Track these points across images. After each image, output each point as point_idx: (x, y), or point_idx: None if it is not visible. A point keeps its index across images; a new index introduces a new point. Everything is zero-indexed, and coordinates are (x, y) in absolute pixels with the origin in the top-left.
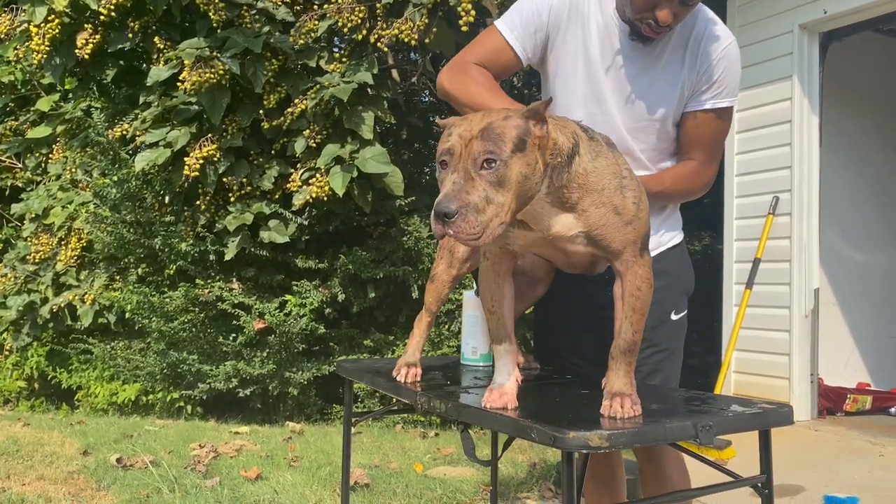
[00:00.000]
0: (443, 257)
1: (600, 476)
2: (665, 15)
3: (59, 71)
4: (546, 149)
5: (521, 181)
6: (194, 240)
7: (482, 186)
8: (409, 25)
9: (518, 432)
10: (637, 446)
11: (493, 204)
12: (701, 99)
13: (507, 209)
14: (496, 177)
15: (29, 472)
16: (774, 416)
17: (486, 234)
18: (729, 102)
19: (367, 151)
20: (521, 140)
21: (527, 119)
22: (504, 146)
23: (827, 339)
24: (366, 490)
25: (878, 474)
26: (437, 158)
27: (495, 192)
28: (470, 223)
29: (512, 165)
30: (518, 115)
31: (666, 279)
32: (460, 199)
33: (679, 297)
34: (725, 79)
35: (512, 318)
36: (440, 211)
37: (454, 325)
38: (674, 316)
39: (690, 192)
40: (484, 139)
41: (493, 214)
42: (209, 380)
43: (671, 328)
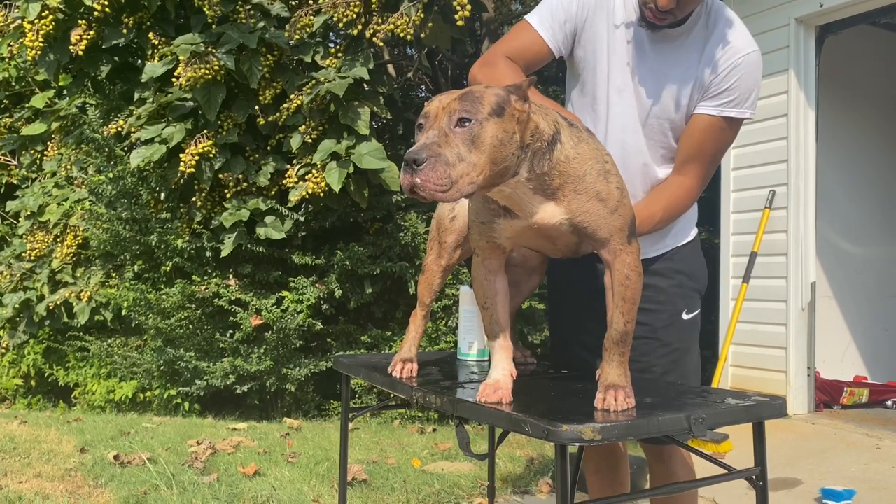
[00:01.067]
0: (432, 248)
1: (604, 470)
2: (664, 0)
3: (53, 67)
4: (526, 125)
5: (497, 146)
6: (190, 236)
7: (455, 142)
8: (404, 20)
9: (512, 426)
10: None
11: (465, 161)
12: (711, 103)
13: (480, 171)
14: (470, 135)
15: (26, 470)
16: (767, 409)
17: (454, 189)
18: (738, 113)
19: (364, 147)
20: (500, 106)
21: (509, 92)
22: (482, 108)
23: (823, 333)
24: (364, 486)
25: (875, 467)
26: (416, 124)
27: (468, 151)
28: (438, 174)
29: (487, 127)
30: (500, 88)
31: (678, 278)
32: (430, 150)
33: (691, 296)
34: (738, 88)
35: (507, 313)
36: (409, 157)
37: (451, 320)
38: (686, 315)
39: (681, 212)
40: (462, 100)
41: (463, 171)
42: (206, 377)
43: (683, 328)
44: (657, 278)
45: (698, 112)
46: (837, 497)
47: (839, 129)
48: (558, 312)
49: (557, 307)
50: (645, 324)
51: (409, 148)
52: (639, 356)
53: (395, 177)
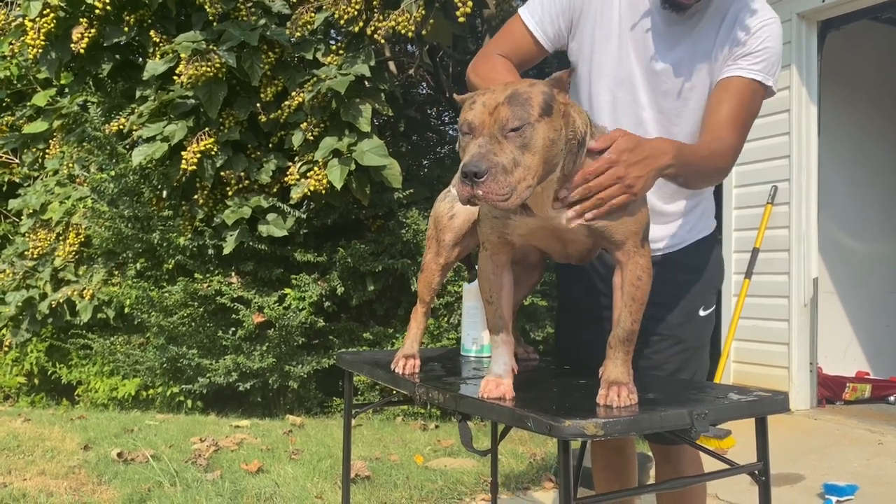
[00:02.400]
0: (430, 247)
1: (612, 467)
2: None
3: (54, 66)
4: (569, 118)
5: (548, 146)
6: (193, 234)
7: (510, 149)
8: (405, 17)
9: (514, 421)
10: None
11: (521, 167)
12: (737, 64)
13: (535, 173)
14: (523, 140)
15: (30, 468)
16: (770, 404)
17: (514, 196)
18: (763, 78)
19: (365, 144)
20: (548, 105)
21: (551, 86)
22: (532, 110)
23: (826, 329)
24: (367, 482)
25: (878, 462)
26: (459, 128)
27: (522, 156)
28: (500, 184)
29: (539, 129)
30: (543, 83)
31: (695, 274)
32: (489, 160)
33: (708, 293)
34: (765, 51)
35: (510, 309)
36: (469, 170)
37: (453, 317)
38: (702, 312)
39: (714, 174)
40: (511, 104)
41: (520, 177)
42: (209, 374)
43: (699, 325)
44: (675, 273)
45: (727, 75)
46: (840, 492)
47: (841, 124)
48: (566, 312)
49: (566, 306)
50: (660, 319)
51: (410, 145)
52: (652, 353)
53: (396, 174)
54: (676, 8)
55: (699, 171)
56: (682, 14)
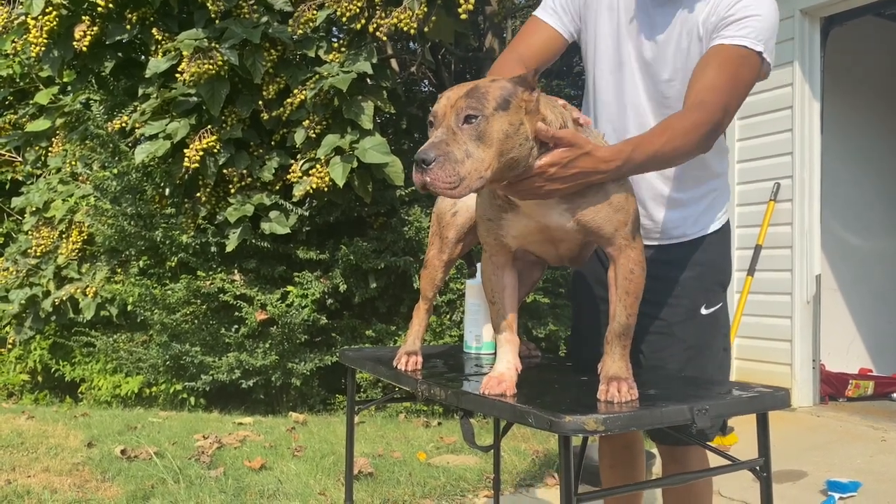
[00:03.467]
0: (433, 243)
1: (620, 465)
2: None
3: (57, 63)
4: (534, 115)
5: (503, 139)
6: (195, 232)
7: (463, 140)
8: (407, 14)
9: (516, 417)
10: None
11: (473, 158)
12: (719, 35)
13: (488, 165)
14: (477, 132)
15: (34, 465)
16: (771, 400)
17: (462, 186)
18: (751, 43)
19: (367, 142)
20: (505, 100)
21: (514, 84)
22: (487, 103)
23: (829, 326)
24: (369, 479)
25: (881, 459)
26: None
27: (476, 147)
28: (447, 171)
29: (493, 122)
30: (505, 80)
31: (697, 269)
32: (439, 149)
33: (712, 289)
34: (750, 19)
35: (514, 308)
36: (419, 157)
37: (455, 314)
38: (704, 310)
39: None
40: (468, 97)
41: (471, 168)
42: (212, 371)
43: (701, 323)
44: (674, 270)
45: (711, 45)
46: (843, 489)
47: (844, 120)
48: (581, 310)
49: (580, 305)
50: (660, 318)
51: (412, 142)
52: (652, 352)
53: (398, 171)
54: None
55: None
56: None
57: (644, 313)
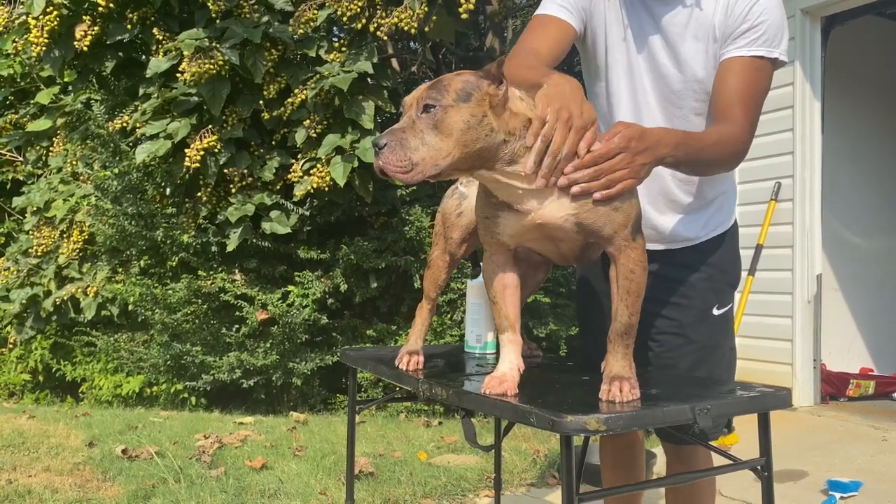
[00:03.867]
0: (437, 242)
1: (621, 465)
2: None
3: (58, 63)
4: (500, 109)
5: (464, 129)
6: (196, 231)
7: (420, 128)
8: (408, 14)
9: (517, 417)
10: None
11: (428, 146)
12: (735, 45)
13: (446, 154)
14: (433, 121)
15: (35, 464)
16: (772, 399)
17: (415, 171)
18: (766, 52)
19: (368, 141)
20: (466, 92)
21: (479, 77)
22: (447, 95)
23: (830, 325)
24: (370, 478)
25: (882, 459)
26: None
27: (433, 136)
28: (397, 156)
29: (451, 112)
30: (470, 73)
31: (708, 271)
32: (394, 135)
33: (723, 290)
34: (763, 24)
35: (516, 308)
36: (374, 142)
37: (457, 314)
38: (716, 311)
39: (727, 159)
40: (430, 89)
41: (426, 155)
42: (213, 371)
43: (713, 324)
44: (686, 271)
45: (727, 56)
46: (844, 488)
47: (845, 120)
48: (588, 309)
49: (587, 304)
50: (672, 319)
51: None
52: (664, 351)
53: None
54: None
55: (707, 160)
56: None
57: (657, 314)
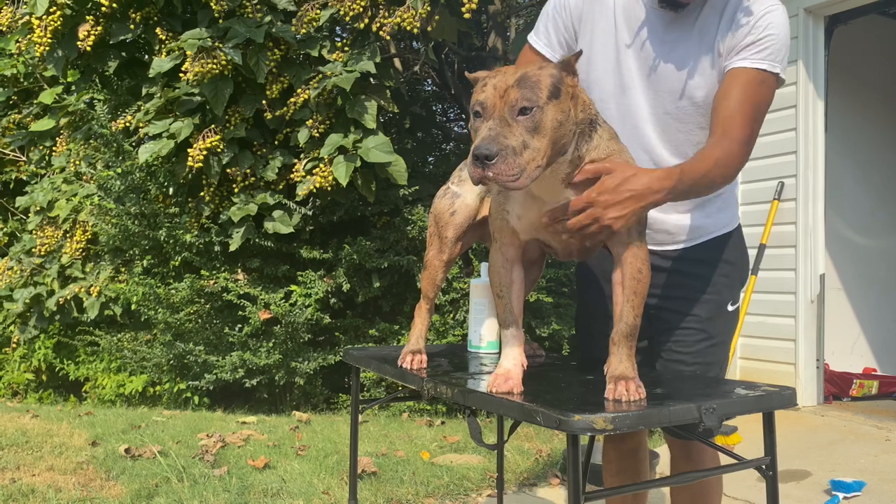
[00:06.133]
0: (432, 243)
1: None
2: None
3: (61, 63)
4: (578, 99)
5: (556, 127)
6: (199, 231)
7: (519, 132)
8: (411, 13)
9: (523, 416)
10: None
11: (530, 148)
12: (739, 56)
13: (544, 154)
14: (533, 122)
15: (38, 463)
16: (778, 399)
17: (523, 177)
18: (770, 66)
19: (371, 141)
20: (556, 87)
21: (560, 69)
22: (540, 93)
23: (833, 325)
24: (373, 478)
25: (885, 459)
26: (471, 108)
27: (531, 138)
28: (510, 165)
29: (547, 111)
30: (552, 66)
31: (724, 268)
32: (499, 143)
33: (735, 288)
34: (767, 39)
35: (520, 304)
36: (480, 153)
37: (458, 314)
38: (730, 307)
39: (726, 177)
40: (520, 87)
41: (529, 158)
42: (216, 370)
43: (727, 319)
44: (703, 267)
45: (730, 67)
46: (847, 488)
47: (848, 119)
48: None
49: (586, 303)
50: (689, 314)
51: (416, 141)
52: (680, 347)
53: (402, 170)
54: (673, 6)
55: (707, 184)
56: (680, 12)
57: (674, 310)
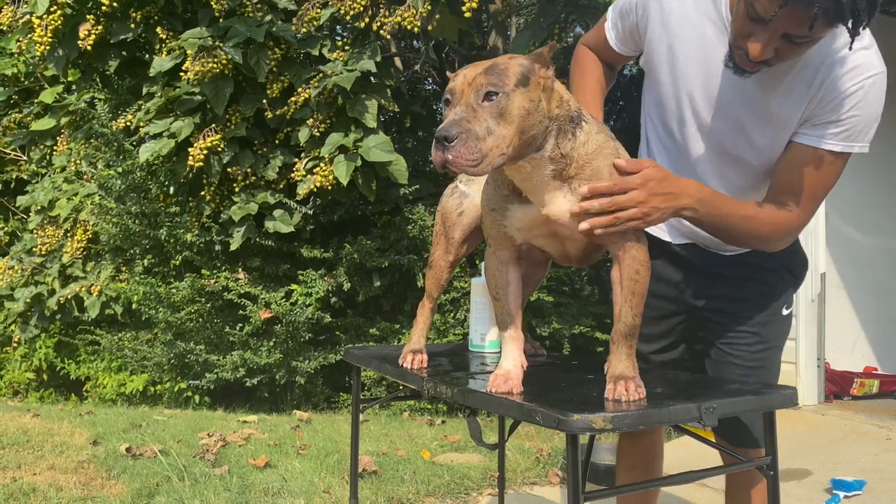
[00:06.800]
0: (439, 243)
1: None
2: (756, 49)
3: (62, 62)
4: (551, 92)
5: (524, 115)
6: (199, 230)
7: (484, 117)
8: (411, 13)
9: (523, 416)
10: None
11: (494, 135)
12: (813, 132)
13: (508, 142)
14: (498, 109)
15: (40, 462)
16: (778, 398)
17: (484, 163)
18: (843, 147)
19: (371, 140)
20: (524, 76)
21: (532, 60)
22: (507, 80)
23: (834, 324)
24: (374, 477)
25: (886, 458)
26: (442, 98)
27: (496, 124)
28: (469, 148)
29: (514, 98)
30: (523, 57)
31: (782, 272)
32: (460, 126)
33: (790, 292)
34: (852, 119)
35: (518, 304)
36: (440, 134)
37: (459, 313)
38: (785, 311)
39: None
40: (487, 75)
41: (493, 144)
42: (216, 370)
43: (780, 324)
44: (760, 272)
45: (796, 140)
46: (847, 487)
47: None
48: None
49: None
50: (743, 316)
51: (416, 141)
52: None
53: (402, 169)
54: (738, 71)
55: (735, 230)
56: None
57: (730, 314)
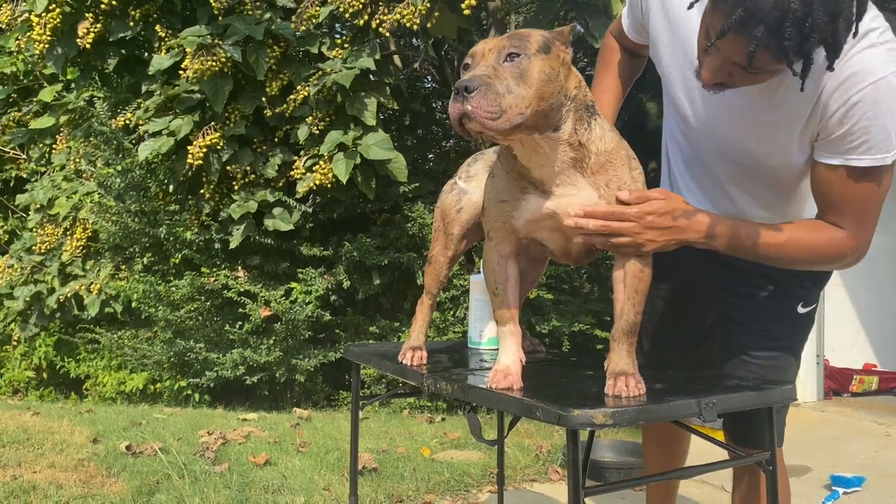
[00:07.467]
0: (438, 239)
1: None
2: (706, 73)
3: (60, 61)
4: (569, 71)
5: (544, 80)
6: (199, 228)
7: (505, 76)
8: (410, 10)
9: (523, 411)
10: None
11: (514, 94)
12: (828, 150)
13: (528, 102)
14: (519, 69)
15: (40, 460)
16: (778, 394)
17: (503, 118)
18: (871, 160)
19: (370, 138)
20: (546, 45)
21: (553, 36)
22: (529, 44)
23: (833, 321)
24: (374, 474)
25: (885, 454)
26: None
27: (517, 84)
28: (489, 101)
29: (535, 62)
30: (545, 31)
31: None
32: (481, 79)
33: (808, 288)
34: (860, 130)
35: (517, 300)
36: (461, 85)
37: (459, 310)
38: (801, 309)
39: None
40: (510, 38)
41: (512, 102)
42: (216, 368)
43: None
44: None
45: (818, 160)
46: (847, 484)
47: None
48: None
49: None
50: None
51: (416, 139)
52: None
53: (402, 167)
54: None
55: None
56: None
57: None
